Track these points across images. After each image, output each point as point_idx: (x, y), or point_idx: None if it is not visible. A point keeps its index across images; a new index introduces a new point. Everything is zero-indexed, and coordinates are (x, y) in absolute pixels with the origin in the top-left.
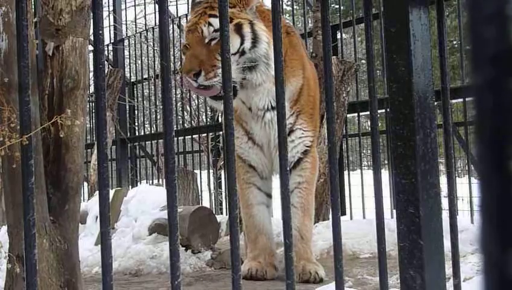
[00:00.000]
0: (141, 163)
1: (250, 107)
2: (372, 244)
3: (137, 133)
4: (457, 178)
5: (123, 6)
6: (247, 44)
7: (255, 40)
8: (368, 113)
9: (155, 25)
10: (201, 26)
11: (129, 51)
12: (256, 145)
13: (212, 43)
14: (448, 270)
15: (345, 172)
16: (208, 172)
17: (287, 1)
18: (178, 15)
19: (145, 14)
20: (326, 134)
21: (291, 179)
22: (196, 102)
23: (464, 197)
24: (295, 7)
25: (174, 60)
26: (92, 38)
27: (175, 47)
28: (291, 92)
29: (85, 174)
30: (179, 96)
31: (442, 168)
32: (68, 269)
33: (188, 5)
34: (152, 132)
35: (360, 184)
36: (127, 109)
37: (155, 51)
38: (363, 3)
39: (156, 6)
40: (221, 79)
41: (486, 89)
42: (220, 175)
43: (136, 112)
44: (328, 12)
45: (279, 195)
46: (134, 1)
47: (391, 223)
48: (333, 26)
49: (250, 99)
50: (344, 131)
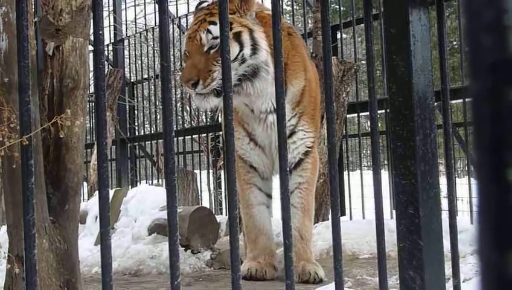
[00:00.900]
0: (141, 163)
1: (252, 109)
2: (371, 244)
3: (137, 133)
4: (457, 179)
5: (123, 6)
6: (246, 51)
7: (255, 47)
8: (368, 113)
9: (155, 25)
10: (200, 33)
11: (129, 51)
12: (258, 146)
13: (211, 52)
14: (447, 270)
15: (345, 172)
16: (208, 172)
17: (287, 1)
18: (178, 15)
19: (145, 14)
20: (326, 134)
21: (291, 180)
22: None
23: (464, 197)
24: (295, 7)
25: (174, 60)
26: (92, 38)
27: (175, 47)
28: (293, 94)
29: (85, 174)
30: (179, 96)
31: (442, 168)
32: (68, 269)
33: (188, 5)
34: (152, 132)
35: (360, 184)
36: (127, 109)
37: (155, 51)
38: (363, 3)
39: (156, 6)
40: (218, 82)
41: (484, 98)
42: (220, 175)
43: (136, 112)
44: (328, 12)
45: (279, 195)
46: (134, 1)
47: (391, 223)
48: (333, 26)
49: (252, 102)
50: (344, 131)
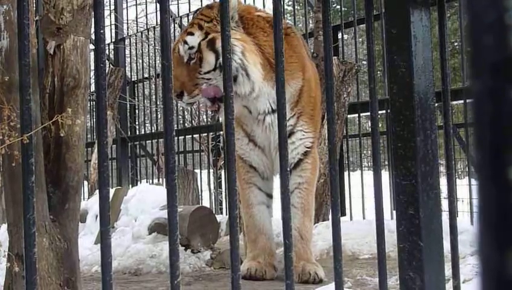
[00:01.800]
0: (141, 162)
1: (250, 110)
2: (371, 245)
3: (137, 132)
4: (457, 179)
5: (124, 5)
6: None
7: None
8: (369, 114)
9: (156, 24)
10: (178, 45)
11: (130, 50)
12: (257, 147)
13: (191, 62)
14: (447, 271)
15: (345, 172)
16: (208, 172)
17: (288, 1)
18: (179, 14)
19: (146, 13)
20: (326, 134)
21: (291, 180)
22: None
23: (464, 198)
24: (296, 7)
25: None
26: (93, 37)
27: None
28: (290, 94)
29: (85, 173)
30: None
31: (442, 169)
32: (68, 268)
33: (190, 4)
34: (152, 131)
35: (360, 185)
36: (128, 108)
37: (156, 50)
38: (365, 4)
39: (157, 5)
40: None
41: (485, 97)
42: (220, 175)
43: (137, 111)
44: (329, 12)
45: (279, 195)
46: (135, 0)
47: (391, 224)
48: (334, 26)
49: (250, 103)
50: (344, 131)
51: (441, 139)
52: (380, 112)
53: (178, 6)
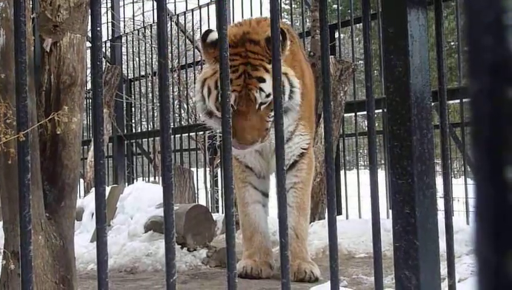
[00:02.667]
0: (138, 160)
1: None
2: (367, 244)
3: (134, 130)
4: (453, 179)
5: (121, 3)
6: (285, 97)
7: (292, 91)
8: (365, 113)
9: (153, 22)
10: (253, 93)
11: (127, 48)
12: (254, 150)
13: (262, 107)
14: (443, 270)
15: (342, 171)
16: (205, 170)
17: (285, 0)
18: (176, 12)
19: (143, 12)
20: (323, 133)
21: (287, 179)
22: (193, 100)
23: (460, 198)
24: (293, 6)
25: (172, 58)
26: (90, 34)
27: (173, 44)
28: None
29: (81, 171)
30: (176, 93)
31: (438, 168)
32: (63, 266)
33: (186, 3)
34: (149, 129)
35: (357, 184)
36: (124, 106)
37: (153, 48)
38: (361, 3)
39: (154, 3)
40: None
41: (483, 97)
42: (217, 173)
43: (133, 109)
44: (326, 11)
45: (275, 194)
46: None
47: (387, 223)
48: (331, 25)
49: None
50: (341, 130)
51: (437, 138)
52: (377, 111)
53: (175, 4)
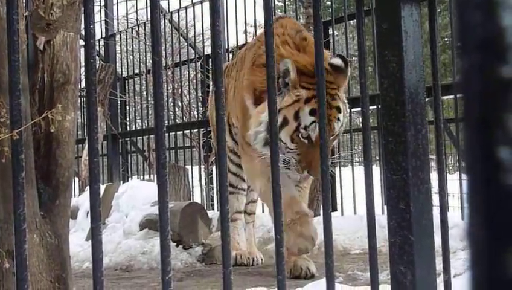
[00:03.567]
0: (132, 158)
1: None
2: (363, 240)
3: (128, 128)
4: (447, 174)
5: (114, 1)
6: (342, 122)
7: (344, 117)
8: (360, 109)
9: (147, 20)
10: (333, 123)
11: (120, 46)
12: None
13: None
14: (438, 266)
15: (336, 168)
16: (200, 168)
17: None
18: (170, 10)
19: (136, 9)
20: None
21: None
22: (188, 97)
23: (455, 193)
24: (287, 3)
25: (166, 55)
26: (83, 33)
27: (166, 42)
28: None
29: (76, 169)
30: (171, 91)
31: (433, 164)
32: (58, 265)
33: (180, 0)
34: (143, 127)
35: (351, 180)
36: (118, 104)
37: (147, 46)
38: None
39: (148, 1)
40: None
41: (473, 74)
42: (212, 171)
43: (128, 107)
44: (320, 8)
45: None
46: None
47: (382, 219)
48: (325, 22)
49: None
50: None
51: (432, 134)
52: (371, 107)
53: (168, 2)
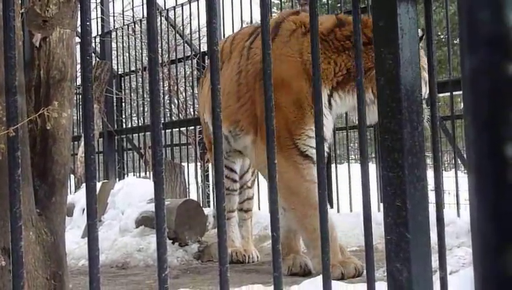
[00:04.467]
0: (128, 156)
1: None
2: (359, 237)
3: (124, 125)
4: (444, 172)
5: None
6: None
7: None
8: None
9: (143, 18)
10: None
11: (116, 43)
12: None
13: None
14: (434, 263)
15: (332, 165)
16: (196, 165)
17: None
18: (166, 7)
19: (132, 7)
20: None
21: None
22: (184, 95)
23: (451, 190)
24: (283, 0)
25: (162, 52)
26: (79, 30)
27: (162, 39)
28: None
29: (72, 166)
30: (167, 88)
31: (429, 161)
32: (55, 262)
33: None
34: (139, 125)
35: (348, 177)
36: (115, 102)
37: (143, 44)
38: None
39: None
40: None
41: (481, 72)
42: (208, 168)
43: (124, 105)
44: (316, 5)
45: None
46: None
47: (378, 216)
48: None
49: None
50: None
51: (427, 131)
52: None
53: None
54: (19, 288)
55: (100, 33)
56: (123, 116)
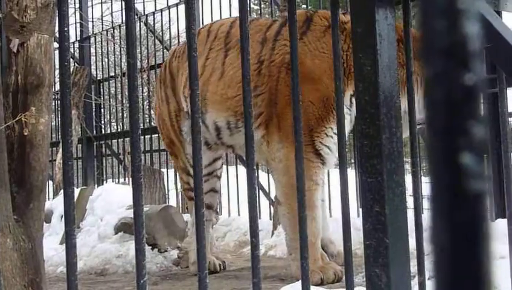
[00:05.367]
0: (107, 161)
1: None
2: (338, 243)
3: (103, 131)
4: (422, 177)
5: (89, 3)
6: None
7: None
8: None
9: (122, 23)
10: None
11: (95, 49)
12: None
13: None
14: (413, 268)
15: None
16: (175, 171)
17: (254, 0)
18: (145, 13)
19: (111, 12)
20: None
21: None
22: None
23: (429, 196)
24: (262, 6)
25: (141, 58)
26: (58, 35)
27: (142, 45)
28: None
29: (50, 173)
30: (146, 94)
31: (407, 167)
32: (32, 269)
33: (155, 3)
34: (118, 130)
35: (327, 183)
36: (93, 107)
37: (121, 49)
38: (330, 2)
39: (123, 3)
40: None
41: (437, 81)
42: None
43: (103, 110)
44: (295, 11)
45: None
46: None
47: (357, 221)
48: None
49: None
50: None
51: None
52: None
53: (144, 4)
54: None
55: (79, 38)
56: (102, 122)
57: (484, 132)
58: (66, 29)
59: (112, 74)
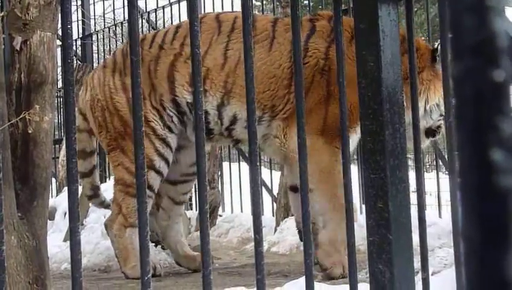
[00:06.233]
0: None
1: None
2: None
3: None
4: (425, 173)
5: (91, 0)
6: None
7: None
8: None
9: (124, 20)
10: None
11: (98, 46)
12: None
13: None
14: (416, 264)
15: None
16: None
17: None
18: (147, 10)
19: (113, 9)
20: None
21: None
22: None
23: (432, 192)
24: (264, 2)
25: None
26: (60, 32)
27: None
28: None
29: (53, 170)
30: None
31: (410, 163)
32: (37, 266)
33: (158, 0)
34: None
35: None
36: None
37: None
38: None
39: (125, 0)
40: None
41: (466, 79)
42: None
43: None
44: (298, 7)
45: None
46: None
47: (360, 218)
48: None
49: None
50: None
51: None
52: None
53: (146, 1)
54: None
55: (81, 36)
56: None
57: None
58: (69, 26)
59: None
